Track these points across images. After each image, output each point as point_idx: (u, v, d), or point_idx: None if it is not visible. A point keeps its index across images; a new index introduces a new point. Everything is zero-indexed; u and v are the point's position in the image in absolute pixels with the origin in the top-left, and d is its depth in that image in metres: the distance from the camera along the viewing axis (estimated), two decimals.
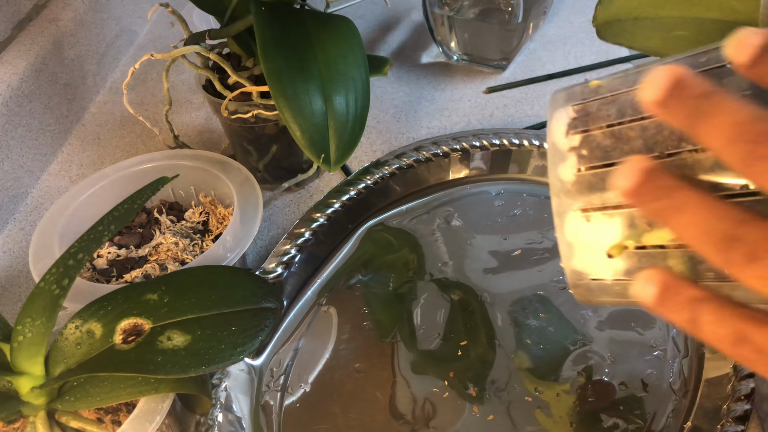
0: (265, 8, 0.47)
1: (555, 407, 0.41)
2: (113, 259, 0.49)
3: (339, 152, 0.45)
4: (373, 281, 0.50)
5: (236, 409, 0.43)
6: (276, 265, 0.49)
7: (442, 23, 0.69)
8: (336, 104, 0.46)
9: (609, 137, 0.24)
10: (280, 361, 0.46)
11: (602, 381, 0.42)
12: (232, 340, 0.38)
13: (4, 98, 0.58)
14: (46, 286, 0.35)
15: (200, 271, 0.42)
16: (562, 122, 0.25)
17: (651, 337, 0.44)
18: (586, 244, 0.25)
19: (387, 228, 0.55)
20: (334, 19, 0.50)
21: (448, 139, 0.58)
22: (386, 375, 0.44)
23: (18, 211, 0.60)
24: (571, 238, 0.25)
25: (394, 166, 0.56)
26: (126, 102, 0.52)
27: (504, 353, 0.44)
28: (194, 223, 0.52)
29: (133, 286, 0.39)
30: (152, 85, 0.75)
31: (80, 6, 0.70)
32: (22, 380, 0.35)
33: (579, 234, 0.25)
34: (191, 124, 0.68)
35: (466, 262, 0.51)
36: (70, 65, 0.68)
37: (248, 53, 0.54)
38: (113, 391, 0.36)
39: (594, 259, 0.25)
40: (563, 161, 0.25)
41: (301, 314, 0.49)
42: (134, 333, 0.37)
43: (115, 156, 0.66)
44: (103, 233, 0.37)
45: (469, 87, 0.69)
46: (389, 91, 0.70)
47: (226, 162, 0.52)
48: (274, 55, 0.45)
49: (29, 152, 0.62)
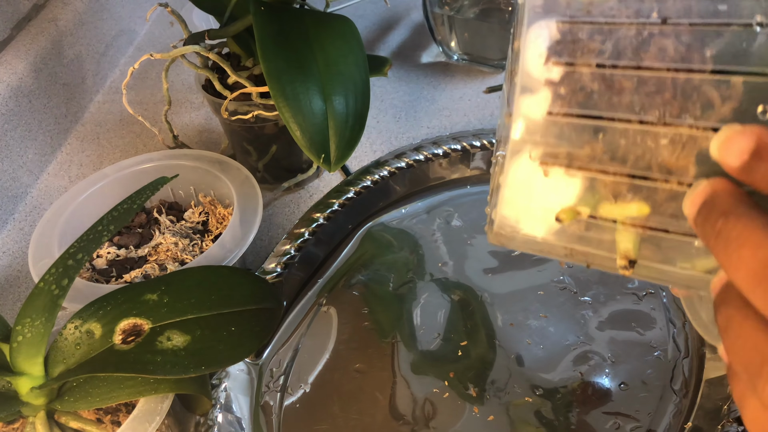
0: (264, 8, 0.47)
1: (555, 407, 0.41)
2: (113, 259, 0.49)
3: (339, 152, 0.45)
4: (373, 281, 0.50)
5: (236, 409, 0.43)
6: (276, 265, 0.49)
7: (442, 23, 0.69)
8: (336, 104, 0.46)
9: (597, 81, 0.20)
10: (280, 361, 0.46)
11: (602, 381, 0.42)
12: (232, 340, 0.38)
13: (3, 98, 0.58)
14: (45, 286, 0.35)
15: (200, 271, 0.42)
16: (542, 42, 0.20)
17: (651, 337, 0.44)
18: (531, 197, 0.22)
19: (387, 228, 0.54)
20: (334, 19, 0.50)
21: (448, 139, 0.58)
22: (386, 375, 0.44)
23: (17, 211, 0.60)
24: (515, 185, 0.22)
25: (394, 166, 0.56)
26: (125, 102, 0.52)
27: (504, 353, 0.44)
28: (194, 223, 0.52)
29: (133, 286, 0.39)
30: (152, 85, 0.74)
31: (80, 6, 0.70)
32: (22, 380, 0.35)
33: (528, 185, 0.22)
34: (191, 124, 0.68)
35: (466, 262, 0.51)
36: (70, 65, 0.68)
37: (248, 53, 0.54)
38: (113, 391, 0.35)
39: (534, 215, 0.22)
40: (532, 93, 0.20)
41: (301, 314, 0.49)
42: (134, 333, 0.37)
43: (114, 156, 0.65)
44: (103, 233, 0.37)
45: (469, 87, 0.69)
46: (389, 91, 0.70)
47: (226, 162, 0.52)
48: (273, 55, 0.45)
49: (29, 152, 0.62)
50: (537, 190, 0.21)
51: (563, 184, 0.21)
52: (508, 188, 0.22)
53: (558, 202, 0.21)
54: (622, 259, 0.22)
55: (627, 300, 0.46)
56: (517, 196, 0.22)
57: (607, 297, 0.47)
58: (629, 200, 0.21)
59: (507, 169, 0.22)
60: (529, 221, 0.22)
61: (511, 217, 0.23)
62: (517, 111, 0.21)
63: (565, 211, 0.21)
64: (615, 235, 0.21)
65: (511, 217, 0.23)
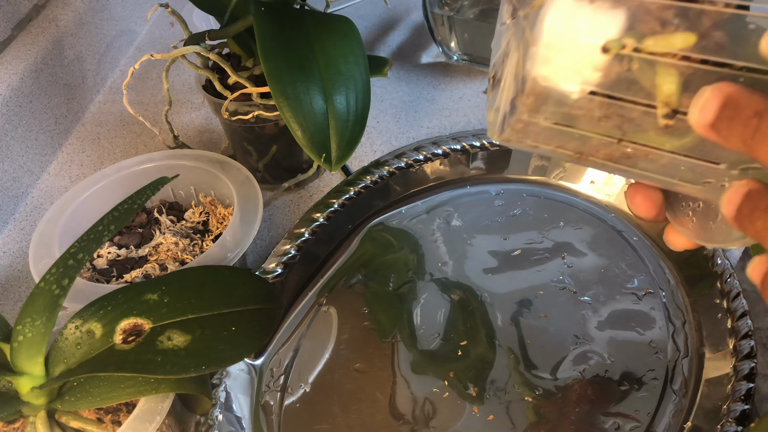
0: (264, 8, 0.47)
1: (555, 407, 0.41)
2: (113, 259, 0.49)
3: (340, 151, 0.45)
4: (373, 281, 0.50)
5: (236, 409, 0.43)
6: (276, 265, 0.49)
7: (442, 23, 0.69)
8: (336, 104, 0.46)
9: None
10: (280, 361, 0.46)
11: (602, 381, 0.42)
12: (232, 340, 0.38)
13: (4, 98, 0.58)
14: (46, 286, 0.35)
15: (200, 271, 0.42)
16: None
17: (651, 337, 0.44)
18: (574, 34, 0.20)
19: (387, 228, 0.55)
20: (334, 19, 0.50)
21: (448, 139, 0.58)
22: (386, 375, 0.44)
23: (18, 211, 0.60)
24: (555, 25, 0.21)
25: (394, 166, 0.56)
26: (126, 102, 0.52)
27: (504, 353, 0.44)
28: (194, 223, 0.52)
29: (133, 286, 0.39)
30: (152, 85, 0.75)
31: (80, 6, 0.70)
32: (22, 380, 0.35)
33: (571, 20, 0.20)
34: (191, 124, 0.68)
35: (466, 262, 0.51)
36: (70, 65, 0.68)
37: (248, 53, 0.54)
38: (113, 391, 0.35)
39: (573, 58, 0.21)
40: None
41: (301, 314, 0.49)
42: (134, 333, 0.37)
43: (115, 156, 0.66)
44: (103, 233, 0.37)
45: (469, 87, 0.69)
46: (389, 91, 0.70)
47: (226, 162, 0.52)
48: (274, 55, 0.45)
49: (29, 152, 0.62)
50: (581, 24, 0.20)
51: (607, 18, 0.20)
52: (545, 39, 0.21)
53: (603, 35, 0.21)
54: (664, 106, 0.21)
55: (627, 300, 0.46)
56: (553, 47, 0.21)
57: (607, 297, 0.47)
58: (674, 29, 0.20)
59: (544, 16, 0.21)
60: (565, 71, 0.21)
61: (547, 76, 0.21)
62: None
63: (611, 41, 0.20)
64: (656, 78, 0.21)
65: (547, 75, 0.21)
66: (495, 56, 0.29)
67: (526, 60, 0.22)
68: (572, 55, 0.21)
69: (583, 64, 0.21)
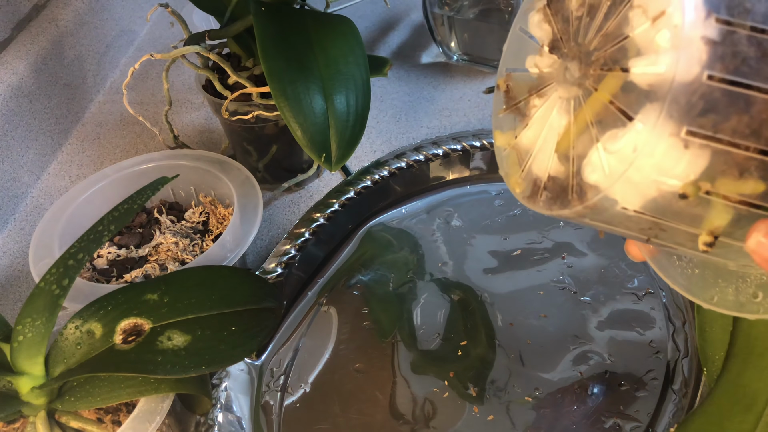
0: (264, 8, 0.47)
1: (555, 407, 0.41)
2: (113, 259, 0.49)
3: (340, 151, 0.45)
4: (373, 281, 0.50)
5: (236, 409, 0.43)
6: (276, 265, 0.49)
7: (442, 23, 0.69)
8: (336, 104, 0.46)
9: (753, 46, 0.18)
10: (280, 361, 0.46)
11: (602, 381, 0.42)
12: (232, 340, 0.38)
13: (4, 98, 0.58)
14: (46, 286, 0.35)
15: (200, 271, 0.42)
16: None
17: (651, 337, 0.44)
18: (655, 171, 0.19)
19: (387, 228, 0.55)
20: (334, 19, 0.50)
21: (448, 139, 0.58)
22: (386, 375, 0.44)
23: (18, 211, 0.60)
24: (645, 158, 0.19)
25: (394, 166, 0.56)
26: (126, 102, 0.52)
27: (504, 353, 0.44)
28: (194, 223, 0.52)
29: (133, 286, 0.39)
30: (152, 85, 0.75)
31: (80, 6, 0.70)
32: (22, 380, 0.35)
33: (659, 157, 0.19)
34: (191, 124, 0.68)
35: (466, 262, 0.51)
36: (70, 65, 0.68)
37: (248, 53, 0.54)
38: (113, 391, 0.35)
39: (643, 190, 0.20)
40: (686, 48, 0.18)
41: (301, 314, 0.49)
42: (134, 333, 0.37)
43: (115, 156, 0.66)
44: (103, 233, 0.37)
45: (469, 87, 0.69)
46: (389, 91, 0.70)
47: (226, 162, 0.52)
48: (274, 55, 0.45)
49: (29, 152, 0.62)
50: (667, 163, 0.19)
51: (696, 157, 0.19)
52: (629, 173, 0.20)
53: (683, 177, 0.20)
54: (709, 235, 0.21)
55: (627, 300, 0.46)
56: (631, 181, 0.20)
57: (607, 297, 0.47)
58: (748, 177, 0.19)
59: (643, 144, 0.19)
60: (632, 195, 0.20)
61: (612, 199, 0.21)
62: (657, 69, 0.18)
63: (688, 185, 0.19)
64: (710, 212, 0.20)
65: (613, 198, 0.21)
66: (506, 61, 0.28)
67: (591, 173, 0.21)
68: (644, 189, 0.20)
69: (648, 195, 0.20)
